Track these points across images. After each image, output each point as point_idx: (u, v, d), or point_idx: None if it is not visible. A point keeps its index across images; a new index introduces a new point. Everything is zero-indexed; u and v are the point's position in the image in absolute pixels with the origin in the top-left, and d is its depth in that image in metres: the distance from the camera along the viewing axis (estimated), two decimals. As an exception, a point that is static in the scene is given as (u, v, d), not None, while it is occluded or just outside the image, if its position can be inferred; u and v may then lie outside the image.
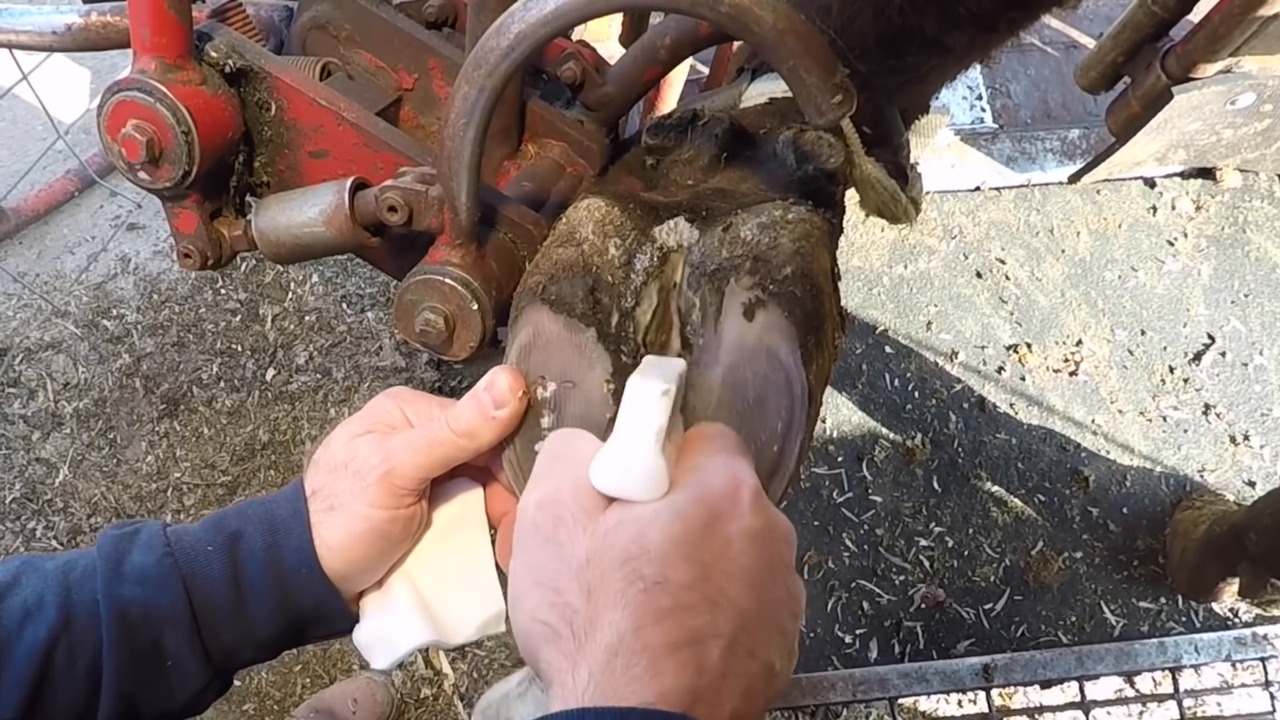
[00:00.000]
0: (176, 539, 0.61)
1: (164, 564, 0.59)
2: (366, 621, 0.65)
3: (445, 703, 1.72)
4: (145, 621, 0.58)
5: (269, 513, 0.62)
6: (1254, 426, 1.93)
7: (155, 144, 0.68)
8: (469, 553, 0.67)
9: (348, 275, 2.05)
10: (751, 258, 0.58)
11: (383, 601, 0.65)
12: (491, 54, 0.55)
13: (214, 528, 0.61)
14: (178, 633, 0.59)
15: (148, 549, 0.60)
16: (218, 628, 0.60)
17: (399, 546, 0.64)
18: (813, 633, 1.74)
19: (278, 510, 0.62)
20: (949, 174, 2.09)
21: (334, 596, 0.62)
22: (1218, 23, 1.29)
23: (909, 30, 0.73)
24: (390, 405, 0.65)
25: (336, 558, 0.61)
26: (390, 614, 0.64)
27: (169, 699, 0.60)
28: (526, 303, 0.61)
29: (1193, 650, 1.70)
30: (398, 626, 0.64)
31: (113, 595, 0.57)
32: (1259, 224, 2.10)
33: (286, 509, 0.62)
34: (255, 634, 0.62)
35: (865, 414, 1.91)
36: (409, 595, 0.65)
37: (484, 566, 0.67)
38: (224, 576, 0.60)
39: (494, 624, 0.67)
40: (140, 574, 0.58)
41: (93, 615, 0.57)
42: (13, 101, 2.10)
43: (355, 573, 0.62)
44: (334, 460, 0.62)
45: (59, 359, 1.95)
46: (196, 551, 0.60)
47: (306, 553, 0.60)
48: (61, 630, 0.57)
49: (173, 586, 0.59)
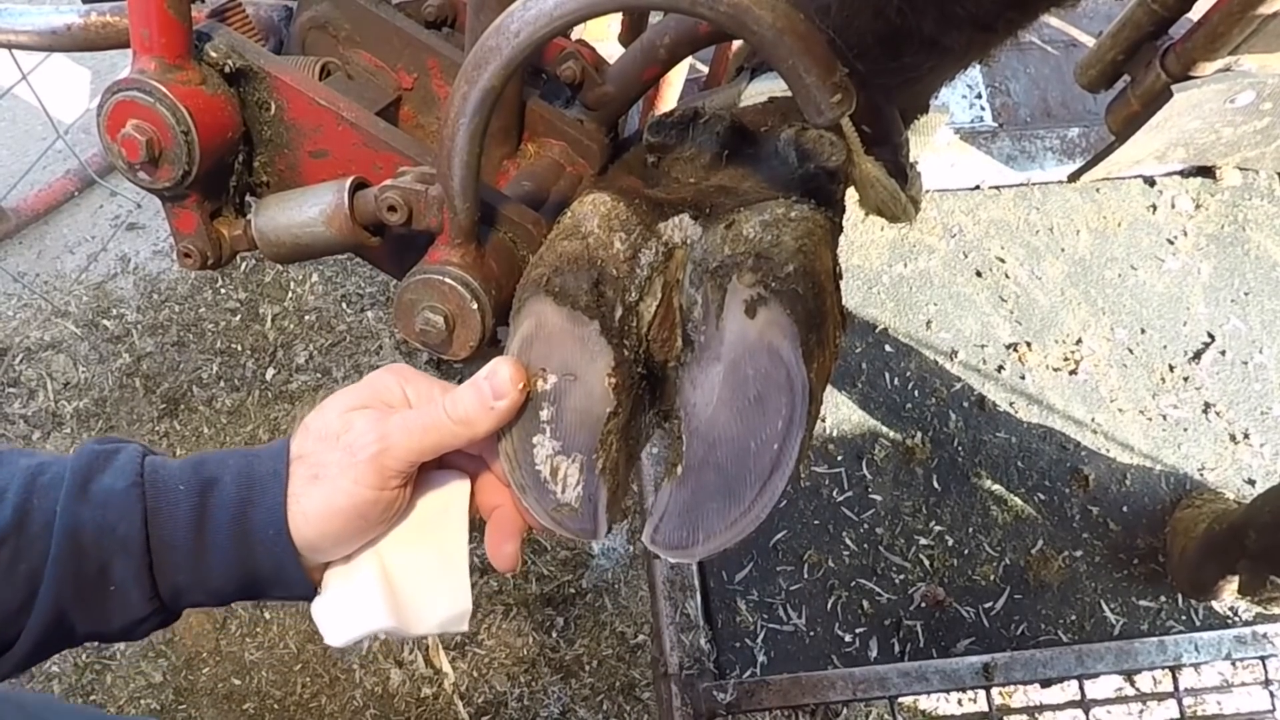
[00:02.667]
0: (151, 470, 0.60)
1: (130, 493, 0.58)
2: (327, 593, 0.64)
3: (445, 702, 1.73)
4: (97, 545, 0.58)
5: (249, 466, 0.61)
6: (1254, 425, 1.93)
7: (155, 144, 0.68)
8: (445, 545, 0.66)
9: (347, 275, 2.05)
10: (754, 255, 0.58)
11: (348, 577, 0.64)
12: (491, 54, 0.56)
13: (192, 469, 0.61)
14: (127, 563, 0.58)
15: (119, 473, 0.59)
16: (171, 568, 0.60)
17: (375, 527, 0.64)
18: (812, 631, 1.74)
19: (259, 466, 0.61)
20: (948, 173, 2.09)
21: (295, 563, 0.61)
22: (1217, 21, 1.29)
23: (908, 30, 0.73)
24: (391, 381, 0.64)
25: (311, 526, 0.60)
26: (354, 592, 0.63)
27: (105, 622, 0.60)
28: (530, 294, 0.61)
29: (1193, 649, 1.70)
30: (359, 606, 0.63)
31: (70, 511, 0.57)
32: (1259, 222, 2.10)
33: (267, 467, 0.61)
34: (209, 582, 0.61)
35: (865, 413, 1.91)
36: (377, 577, 0.64)
37: (458, 562, 0.66)
38: (189, 520, 0.59)
39: (457, 622, 0.66)
40: (104, 498, 0.58)
41: (47, 525, 0.57)
42: (12, 101, 2.10)
43: (326, 545, 0.62)
44: (326, 429, 0.62)
45: (59, 359, 1.95)
46: (167, 487, 0.59)
47: (277, 514, 0.60)
48: (12, 531, 0.56)
49: (132, 517, 0.58)
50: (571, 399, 0.61)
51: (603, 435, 0.61)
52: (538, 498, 0.63)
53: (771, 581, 1.77)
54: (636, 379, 0.62)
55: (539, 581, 1.81)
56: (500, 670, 1.75)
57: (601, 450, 0.61)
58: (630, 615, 1.79)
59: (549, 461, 0.62)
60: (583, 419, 0.61)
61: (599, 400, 0.61)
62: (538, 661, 1.76)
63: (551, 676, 1.75)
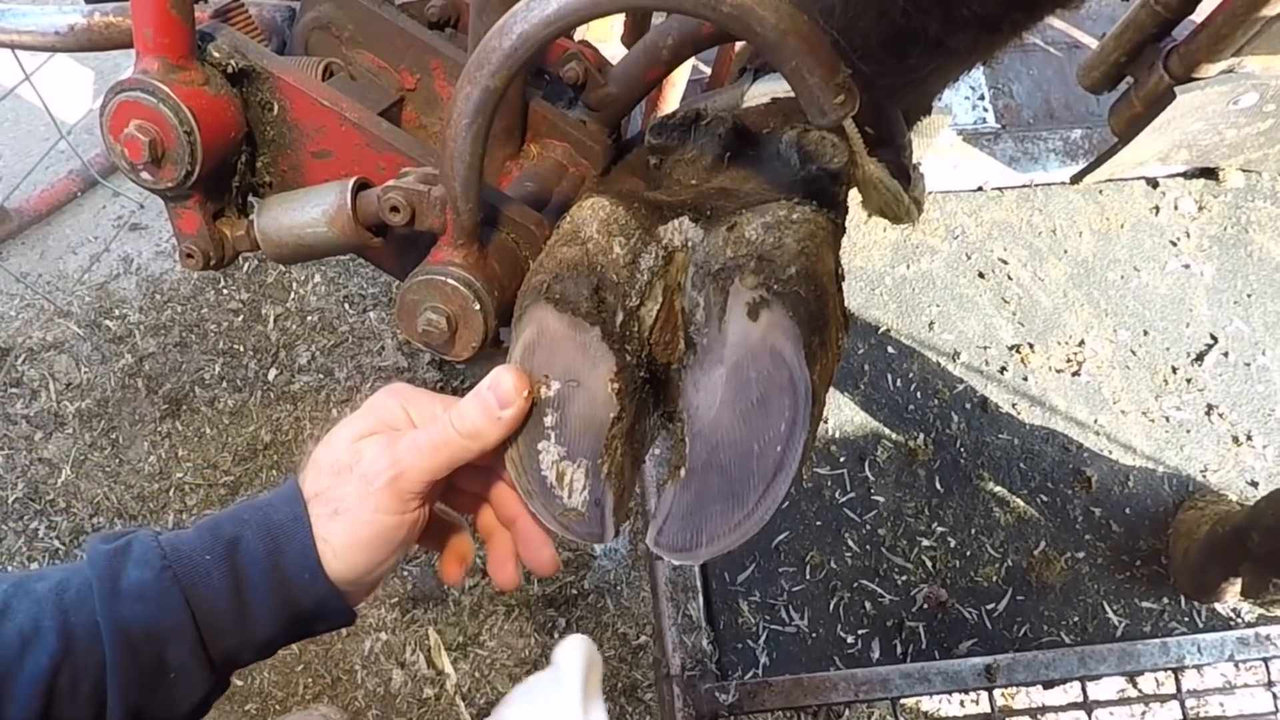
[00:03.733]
0: (173, 550, 0.60)
1: (163, 578, 0.58)
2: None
3: (447, 703, 1.73)
4: (148, 639, 0.58)
5: (266, 517, 0.61)
6: (1257, 426, 1.93)
7: (158, 144, 0.68)
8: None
9: (350, 275, 2.05)
10: (756, 257, 0.58)
11: None
12: (494, 54, 0.55)
13: (210, 534, 0.61)
14: (181, 646, 0.59)
15: (144, 563, 0.59)
16: (220, 636, 0.60)
17: (403, 548, 0.64)
18: (815, 633, 1.74)
19: (275, 514, 0.61)
20: (951, 174, 2.09)
21: (335, 597, 0.62)
22: (1220, 23, 1.29)
23: (912, 31, 0.73)
24: (392, 403, 0.64)
25: (340, 561, 0.61)
26: None
27: (174, 707, 0.60)
28: (531, 301, 0.61)
29: (1195, 650, 1.70)
30: None
31: (113, 615, 0.57)
32: (1262, 224, 2.10)
33: (285, 513, 0.61)
34: (256, 637, 0.62)
35: (867, 414, 1.91)
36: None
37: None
38: (225, 586, 0.59)
39: None
40: (140, 591, 0.58)
41: (93, 637, 0.57)
42: (15, 102, 2.10)
43: (358, 575, 0.62)
44: (337, 463, 0.62)
45: (61, 359, 1.96)
46: (195, 562, 0.59)
47: (310, 558, 0.60)
48: (64, 656, 0.56)
49: (174, 602, 0.58)
50: (575, 405, 0.61)
51: (607, 440, 0.61)
52: (544, 503, 0.63)
53: (774, 583, 1.77)
54: (639, 383, 0.62)
55: (541, 582, 1.81)
56: (502, 671, 1.75)
57: (606, 455, 0.61)
58: (632, 616, 1.79)
59: (555, 467, 0.62)
60: (587, 424, 0.61)
61: (602, 405, 0.61)
62: (539, 662, 1.76)
63: (553, 677, 1.75)
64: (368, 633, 1.77)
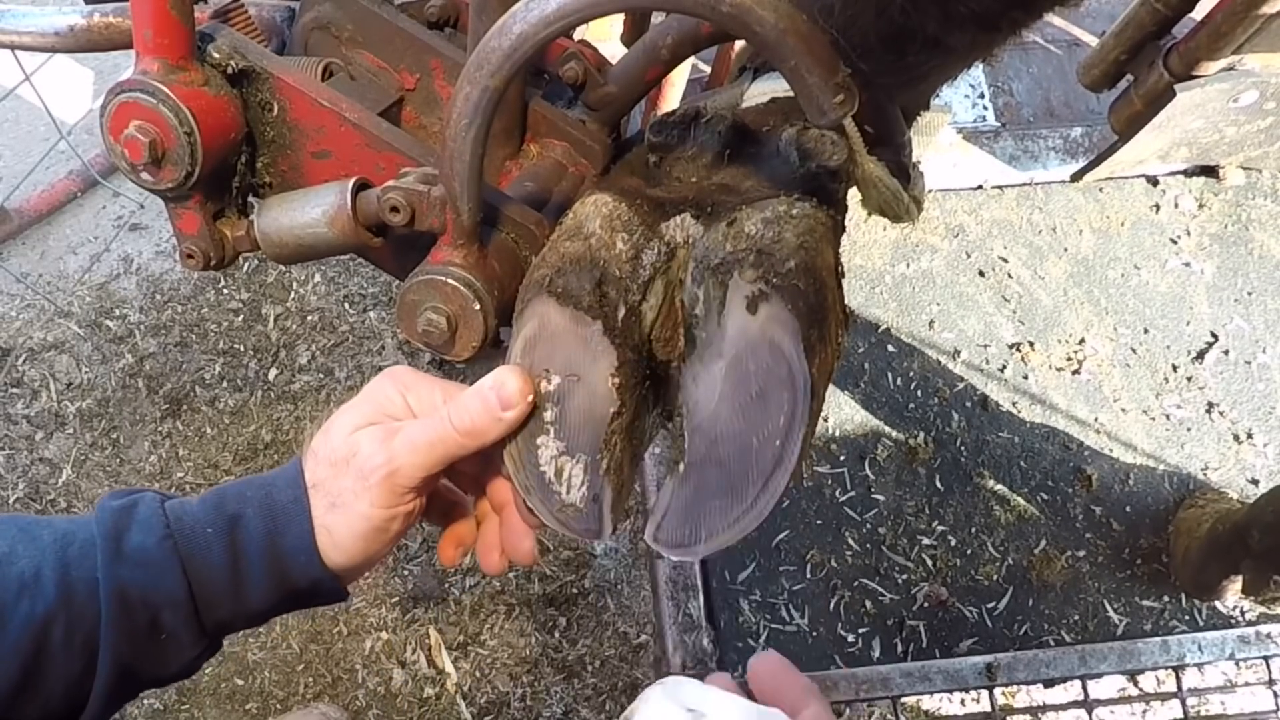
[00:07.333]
0: (176, 518, 0.62)
1: (163, 547, 0.60)
2: None
3: (448, 702, 1.73)
4: (144, 603, 0.60)
5: (269, 497, 0.63)
6: (1257, 424, 1.93)
7: (158, 145, 0.69)
8: None
9: (350, 275, 2.05)
10: (755, 251, 0.58)
11: None
12: (493, 54, 0.55)
13: (214, 509, 0.63)
14: (175, 612, 0.61)
15: (147, 528, 0.61)
16: (214, 606, 0.62)
17: (399, 538, 0.66)
18: (815, 631, 1.74)
19: (278, 495, 0.63)
20: (951, 172, 2.09)
21: (330, 579, 0.64)
22: (1220, 20, 1.29)
23: (911, 30, 0.73)
24: (391, 391, 0.65)
25: (338, 551, 0.62)
26: None
27: (163, 666, 0.63)
28: (533, 295, 0.61)
29: (1196, 649, 1.70)
30: None
31: (112, 575, 0.59)
32: (1262, 222, 2.10)
33: (287, 494, 0.63)
34: (249, 608, 0.64)
35: (868, 413, 1.91)
36: None
37: None
38: (223, 561, 0.61)
39: None
40: (140, 556, 0.60)
41: (91, 593, 0.59)
42: (15, 102, 2.11)
43: (354, 563, 0.64)
44: (335, 454, 0.63)
45: (62, 359, 1.96)
46: (196, 534, 0.61)
47: (307, 541, 0.62)
48: (60, 608, 0.58)
49: (172, 571, 0.60)
50: (575, 400, 0.61)
51: (607, 435, 0.61)
52: (543, 498, 0.63)
53: (774, 581, 1.77)
54: (640, 379, 0.62)
55: (541, 581, 1.81)
56: (503, 670, 1.76)
57: (606, 450, 0.61)
58: (633, 615, 1.80)
59: (554, 462, 0.62)
60: (586, 419, 0.61)
61: (602, 400, 0.61)
62: (540, 661, 1.76)
63: (554, 676, 1.76)
64: (368, 632, 1.77)
